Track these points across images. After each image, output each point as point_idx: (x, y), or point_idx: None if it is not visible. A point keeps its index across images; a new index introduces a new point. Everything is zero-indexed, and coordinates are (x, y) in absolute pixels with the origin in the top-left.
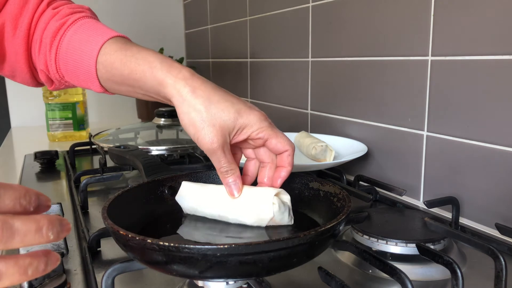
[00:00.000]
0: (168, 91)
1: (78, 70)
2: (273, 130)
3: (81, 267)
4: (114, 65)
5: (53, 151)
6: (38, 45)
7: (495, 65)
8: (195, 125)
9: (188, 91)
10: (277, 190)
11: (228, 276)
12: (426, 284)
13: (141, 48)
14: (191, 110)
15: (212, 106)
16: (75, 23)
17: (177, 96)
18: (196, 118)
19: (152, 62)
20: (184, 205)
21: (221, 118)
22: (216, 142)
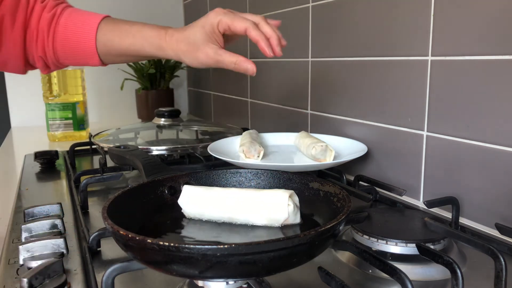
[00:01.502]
0: (167, 53)
1: (77, 50)
2: (227, 15)
3: (81, 267)
4: (113, 41)
5: (53, 151)
6: (35, 35)
7: (495, 65)
8: (193, 56)
9: (175, 44)
10: (290, 192)
11: (228, 276)
12: (426, 284)
13: (131, 23)
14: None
15: (189, 39)
16: (64, 11)
17: (171, 51)
18: (189, 52)
19: (146, 35)
20: (188, 210)
21: (198, 40)
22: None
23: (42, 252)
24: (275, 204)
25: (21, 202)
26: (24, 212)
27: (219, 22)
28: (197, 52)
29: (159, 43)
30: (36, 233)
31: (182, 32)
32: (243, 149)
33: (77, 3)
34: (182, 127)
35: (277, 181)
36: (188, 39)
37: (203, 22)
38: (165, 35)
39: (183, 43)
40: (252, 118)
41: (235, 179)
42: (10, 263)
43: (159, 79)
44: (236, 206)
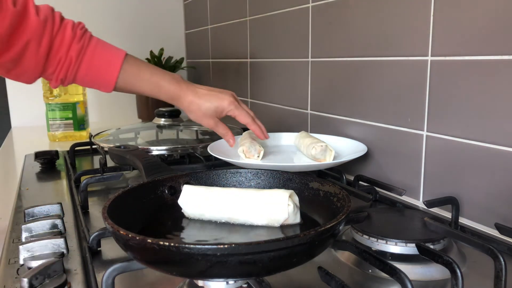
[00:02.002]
0: (180, 103)
1: (97, 82)
2: (237, 109)
3: (81, 267)
4: (134, 86)
5: (53, 151)
6: (62, 61)
7: (495, 65)
8: (197, 119)
9: (187, 104)
10: (289, 192)
11: (228, 276)
12: (426, 284)
13: (150, 71)
14: (192, 113)
15: (201, 108)
16: (91, 42)
17: (185, 105)
18: (197, 115)
19: (163, 87)
20: (188, 210)
21: (208, 113)
22: (213, 123)
23: (42, 252)
24: (275, 204)
25: (21, 202)
26: (24, 212)
27: (229, 111)
28: (203, 118)
29: (173, 98)
30: (36, 233)
31: (197, 98)
32: (243, 149)
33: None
34: (182, 127)
35: (277, 181)
36: (200, 108)
37: (218, 105)
38: (180, 92)
39: (194, 107)
40: None
41: (235, 179)
42: (10, 263)
43: None
44: (236, 206)
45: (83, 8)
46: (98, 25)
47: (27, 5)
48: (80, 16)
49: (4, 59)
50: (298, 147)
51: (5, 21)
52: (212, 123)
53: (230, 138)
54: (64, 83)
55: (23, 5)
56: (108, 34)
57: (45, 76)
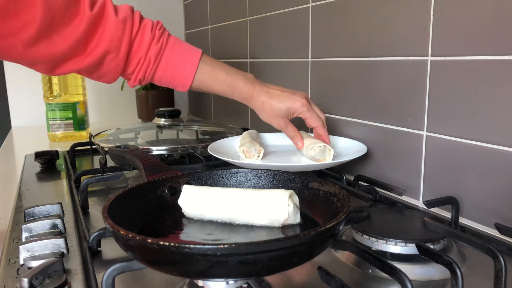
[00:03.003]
0: (252, 104)
1: (174, 81)
2: (309, 111)
3: (81, 267)
4: (208, 85)
5: (53, 151)
6: (142, 62)
7: (495, 65)
8: (269, 119)
9: (260, 104)
10: (289, 192)
11: (228, 276)
12: (426, 284)
13: (226, 71)
14: (264, 113)
15: (274, 107)
16: (168, 41)
17: (257, 106)
18: (269, 115)
19: (237, 87)
20: (188, 210)
21: (281, 112)
22: (283, 122)
23: (42, 252)
24: (275, 204)
25: (21, 202)
26: (24, 212)
27: (301, 112)
28: (274, 118)
29: (246, 98)
30: (36, 233)
31: (270, 99)
32: (243, 149)
33: None
34: (182, 127)
35: (277, 181)
36: (272, 108)
37: (290, 106)
38: (254, 92)
39: (267, 107)
40: (252, 118)
41: (235, 179)
42: (10, 263)
43: None
44: (236, 206)
45: None
46: None
47: (105, 7)
48: None
49: (84, 63)
50: None
51: (81, 26)
52: (282, 123)
53: (299, 141)
54: (142, 82)
55: (101, 7)
56: None
57: (124, 76)
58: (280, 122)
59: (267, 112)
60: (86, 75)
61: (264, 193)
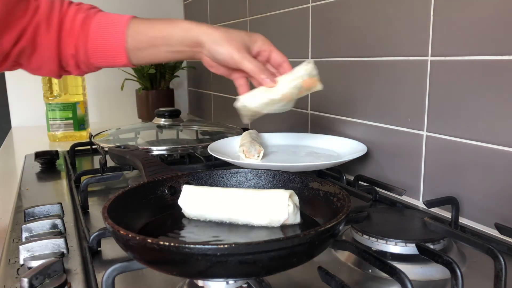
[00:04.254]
0: (196, 32)
1: (106, 45)
2: (273, 45)
3: (81, 267)
4: (142, 31)
5: (53, 151)
6: (68, 33)
7: (495, 65)
8: (224, 44)
9: (212, 28)
10: (289, 192)
11: (228, 276)
12: (426, 284)
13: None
14: (217, 38)
15: (230, 31)
16: (98, 13)
17: (205, 34)
18: (224, 40)
19: (176, 20)
20: (188, 210)
21: (239, 36)
22: (243, 50)
23: (42, 252)
24: (275, 204)
25: (21, 202)
26: (24, 212)
27: (264, 43)
28: (230, 42)
29: (189, 26)
30: (36, 233)
31: (223, 30)
32: (243, 149)
33: None
34: (182, 127)
35: (277, 181)
36: (226, 32)
37: (250, 34)
38: (198, 24)
39: (218, 32)
40: None
41: (235, 179)
42: (10, 263)
43: (159, 79)
44: (236, 206)
45: None
46: None
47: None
48: None
49: (18, 48)
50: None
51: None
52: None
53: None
54: (79, 60)
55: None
56: None
57: (64, 64)
58: (243, 47)
59: (218, 37)
60: (25, 67)
61: (264, 193)
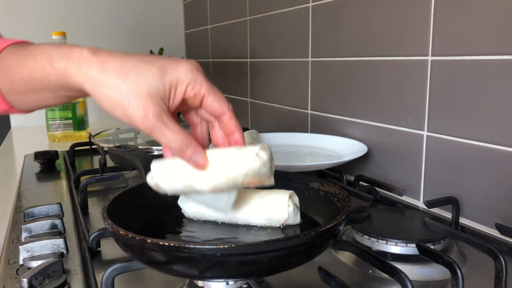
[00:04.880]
0: (75, 79)
1: None
2: (209, 84)
3: (81, 267)
4: (12, 68)
5: (53, 151)
6: None
7: (495, 65)
8: (118, 103)
9: (96, 69)
10: (289, 192)
11: (228, 276)
12: (426, 284)
13: (41, 44)
14: (106, 89)
15: (129, 74)
16: None
17: (87, 80)
18: (116, 95)
19: (50, 53)
20: (187, 210)
21: (144, 83)
22: (150, 112)
23: (42, 252)
24: (275, 204)
25: (21, 202)
26: (24, 212)
27: (189, 84)
28: (135, 99)
29: (65, 68)
30: (36, 233)
31: (119, 58)
32: None
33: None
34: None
35: (277, 181)
36: (129, 72)
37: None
38: (80, 55)
39: (114, 71)
40: (252, 118)
41: None
42: (10, 263)
43: None
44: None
45: (83, 8)
46: (98, 25)
47: None
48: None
49: None
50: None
51: None
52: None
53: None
54: None
55: None
56: (108, 33)
57: None
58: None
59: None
60: None
61: (264, 193)
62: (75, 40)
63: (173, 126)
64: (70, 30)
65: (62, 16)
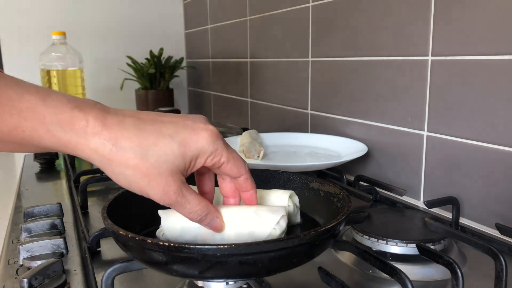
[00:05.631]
0: (81, 153)
1: None
2: (228, 151)
3: (81, 267)
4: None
5: (52, 151)
6: None
7: (495, 65)
8: (136, 182)
9: (110, 148)
10: (289, 192)
11: (228, 276)
12: (426, 284)
13: (21, 89)
14: (123, 168)
15: (148, 153)
16: None
17: (98, 158)
18: (134, 176)
19: (44, 115)
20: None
21: (165, 164)
22: (171, 190)
23: (41, 252)
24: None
25: (20, 202)
26: (23, 212)
27: (212, 154)
28: (155, 180)
29: (69, 137)
30: (35, 233)
31: (135, 130)
32: (243, 149)
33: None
34: None
35: (277, 181)
36: (147, 151)
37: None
38: (87, 126)
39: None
40: (252, 118)
41: None
42: (9, 263)
43: (159, 79)
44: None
45: (83, 8)
46: (98, 25)
47: None
48: (80, 16)
49: None
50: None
51: None
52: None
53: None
54: None
55: None
56: (108, 34)
57: None
58: (172, 188)
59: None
60: None
61: (264, 193)
62: (75, 40)
63: (192, 197)
64: (70, 30)
65: (62, 16)
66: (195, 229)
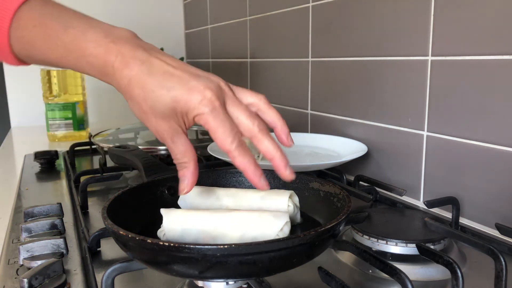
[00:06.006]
0: (112, 83)
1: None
2: (214, 115)
3: (81, 267)
4: (35, 45)
5: (53, 151)
6: None
7: (495, 65)
8: (140, 116)
9: (126, 84)
10: (289, 192)
11: (228, 276)
12: (426, 284)
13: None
14: (134, 102)
15: (148, 97)
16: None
17: (121, 89)
18: (140, 110)
19: (87, 49)
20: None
21: (159, 110)
22: (162, 132)
23: (41, 252)
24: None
25: (21, 202)
26: (24, 212)
27: (197, 115)
28: (151, 118)
29: (103, 71)
30: (35, 233)
31: (146, 74)
32: None
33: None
34: None
35: (277, 181)
36: (147, 95)
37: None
38: (115, 58)
39: (137, 90)
40: None
41: (235, 179)
42: (10, 263)
43: None
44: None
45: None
46: None
47: None
48: None
49: None
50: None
51: None
52: (165, 127)
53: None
54: None
55: None
56: None
57: None
58: (162, 126)
59: (137, 101)
60: None
61: (264, 193)
62: None
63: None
64: None
65: None
66: (196, 232)
